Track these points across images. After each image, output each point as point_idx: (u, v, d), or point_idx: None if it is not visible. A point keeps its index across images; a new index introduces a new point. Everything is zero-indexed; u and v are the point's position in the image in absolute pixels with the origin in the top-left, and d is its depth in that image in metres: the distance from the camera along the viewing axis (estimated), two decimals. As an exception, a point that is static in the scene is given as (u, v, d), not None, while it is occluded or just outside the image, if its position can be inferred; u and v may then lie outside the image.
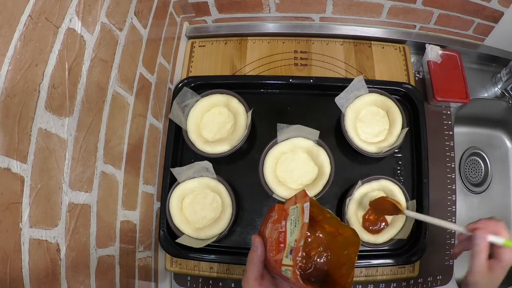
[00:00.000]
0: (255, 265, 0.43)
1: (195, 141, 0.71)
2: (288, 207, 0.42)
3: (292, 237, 0.38)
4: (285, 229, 0.40)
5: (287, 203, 0.44)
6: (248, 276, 0.43)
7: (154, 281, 0.72)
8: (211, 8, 0.82)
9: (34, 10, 0.38)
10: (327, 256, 0.43)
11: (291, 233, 0.39)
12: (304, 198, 0.40)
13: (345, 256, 0.41)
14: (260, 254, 0.43)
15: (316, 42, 0.86)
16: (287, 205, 0.43)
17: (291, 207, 0.42)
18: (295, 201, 0.42)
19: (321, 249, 0.43)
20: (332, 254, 0.42)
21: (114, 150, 0.56)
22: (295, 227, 0.39)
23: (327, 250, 0.43)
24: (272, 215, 0.45)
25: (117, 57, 0.56)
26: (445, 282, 0.74)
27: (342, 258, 0.42)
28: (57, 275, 0.42)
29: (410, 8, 0.78)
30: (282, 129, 0.69)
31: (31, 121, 0.38)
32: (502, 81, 0.83)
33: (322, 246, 0.43)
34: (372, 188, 0.69)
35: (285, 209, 0.43)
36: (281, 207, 0.45)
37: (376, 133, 0.73)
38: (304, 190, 0.42)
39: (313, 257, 0.43)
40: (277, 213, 0.44)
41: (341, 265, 0.42)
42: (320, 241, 0.43)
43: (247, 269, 0.43)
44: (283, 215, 0.43)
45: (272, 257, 0.41)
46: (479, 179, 0.93)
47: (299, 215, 0.39)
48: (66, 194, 0.44)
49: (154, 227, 0.72)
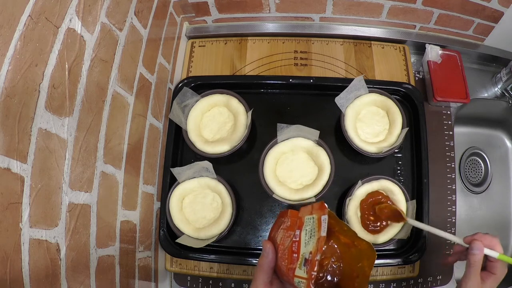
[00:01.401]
0: (265, 271, 0.43)
1: (195, 141, 0.71)
2: (303, 216, 0.42)
3: (306, 248, 0.38)
4: (299, 238, 0.40)
5: (302, 211, 0.43)
6: (258, 282, 0.43)
7: (154, 281, 0.72)
8: (211, 8, 0.82)
9: (34, 10, 0.38)
10: (339, 267, 0.42)
11: (305, 244, 0.39)
12: (322, 211, 0.39)
13: (359, 268, 0.41)
14: (271, 260, 0.43)
15: (316, 42, 0.86)
16: (301, 213, 0.43)
17: (306, 216, 0.41)
18: (311, 211, 0.41)
19: (334, 259, 0.42)
20: (345, 266, 0.42)
21: (114, 150, 0.56)
22: (310, 238, 0.38)
23: (340, 261, 0.42)
24: (284, 220, 0.45)
25: (117, 57, 0.56)
26: (445, 282, 0.74)
27: (356, 271, 0.41)
28: (57, 275, 0.42)
29: (410, 8, 0.78)
30: (282, 129, 0.69)
31: (31, 121, 0.38)
32: (502, 81, 0.83)
33: (335, 257, 0.42)
34: (372, 188, 0.69)
35: (299, 217, 0.42)
36: (295, 213, 0.44)
37: (376, 133, 0.73)
38: (322, 202, 0.41)
39: (325, 266, 0.42)
40: (290, 220, 0.44)
41: (354, 278, 0.41)
42: (333, 251, 0.42)
43: (257, 275, 0.43)
44: (297, 223, 0.42)
45: (285, 266, 0.40)
46: (479, 179, 0.93)
47: (315, 226, 0.39)
48: (66, 194, 0.44)
49: (154, 227, 0.72)
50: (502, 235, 0.89)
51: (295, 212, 0.45)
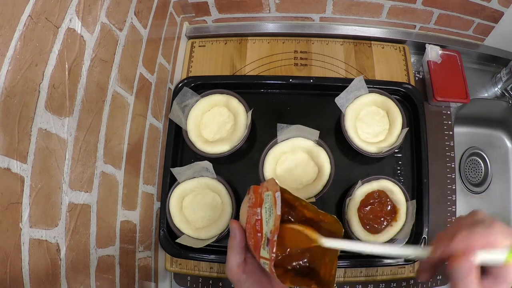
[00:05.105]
0: (235, 251, 0.41)
1: (195, 141, 0.71)
2: (262, 192, 0.40)
3: (267, 227, 0.37)
4: (260, 217, 0.38)
5: (262, 186, 0.41)
6: (231, 264, 0.41)
7: (154, 281, 0.72)
8: (211, 8, 0.82)
9: (34, 10, 0.38)
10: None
11: (266, 223, 0.37)
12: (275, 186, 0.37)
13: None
14: (240, 240, 0.41)
15: (316, 42, 0.86)
16: (261, 189, 0.41)
17: (265, 193, 0.39)
18: (267, 187, 0.40)
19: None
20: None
21: (114, 150, 0.56)
22: (270, 216, 0.37)
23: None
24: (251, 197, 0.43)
25: (117, 57, 0.56)
26: (445, 282, 0.74)
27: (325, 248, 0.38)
28: (57, 275, 0.42)
29: (410, 8, 0.78)
30: (282, 129, 0.69)
31: (31, 121, 0.38)
32: (502, 81, 0.83)
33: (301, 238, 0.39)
34: (372, 188, 0.69)
35: (259, 193, 0.40)
36: (257, 189, 0.42)
37: (376, 133, 0.73)
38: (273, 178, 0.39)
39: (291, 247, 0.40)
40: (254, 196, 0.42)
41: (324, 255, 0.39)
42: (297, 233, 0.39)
43: (229, 257, 0.41)
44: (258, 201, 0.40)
45: (252, 245, 0.39)
46: (479, 179, 0.93)
47: (272, 203, 0.37)
48: (66, 194, 0.44)
49: (154, 227, 0.72)
50: (502, 235, 0.89)
51: (257, 187, 0.42)
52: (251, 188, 0.44)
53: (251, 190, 0.44)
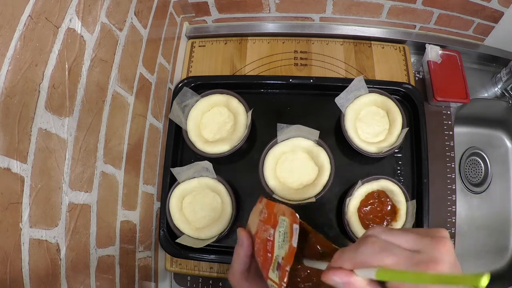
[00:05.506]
0: (241, 260, 0.41)
1: (195, 141, 0.71)
2: (278, 213, 0.39)
3: (280, 252, 0.37)
4: (273, 238, 0.38)
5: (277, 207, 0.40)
6: (235, 270, 0.42)
7: (154, 281, 0.72)
8: (211, 8, 0.82)
9: (34, 10, 0.38)
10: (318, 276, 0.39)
11: (279, 247, 0.37)
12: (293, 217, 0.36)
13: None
14: (247, 249, 0.41)
15: (316, 42, 0.86)
16: (276, 210, 0.40)
17: (280, 216, 0.39)
18: (284, 211, 0.38)
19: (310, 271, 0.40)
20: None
21: (114, 150, 0.56)
22: (283, 242, 0.37)
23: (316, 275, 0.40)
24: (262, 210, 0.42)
25: (117, 57, 0.56)
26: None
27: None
28: (57, 275, 0.42)
29: (410, 8, 0.78)
30: (282, 129, 0.69)
31: (31, 121, 0.38)
32: (502, 81, 0.83)
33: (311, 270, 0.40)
34: (372, 188, 0.69)
35: (274, 213, 0.40)
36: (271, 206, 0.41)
37: (376, 133, 0.73)
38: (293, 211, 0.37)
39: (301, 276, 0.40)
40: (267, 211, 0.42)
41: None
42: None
43: (233, 263, 0.42)
44: (272, 220, 0.40)
45: (260, 261, 0.39)
46: (479, 179, 0.93)
47: (287, 231, 0.37)
48: (66, 194, 0.44)
49: (154, 227, 0.72)
50: (502, 235, 0.89)
51: (271, 204, 0.41)
52: (264, 201, 0.42)
53: (263, 202, 0.43)
